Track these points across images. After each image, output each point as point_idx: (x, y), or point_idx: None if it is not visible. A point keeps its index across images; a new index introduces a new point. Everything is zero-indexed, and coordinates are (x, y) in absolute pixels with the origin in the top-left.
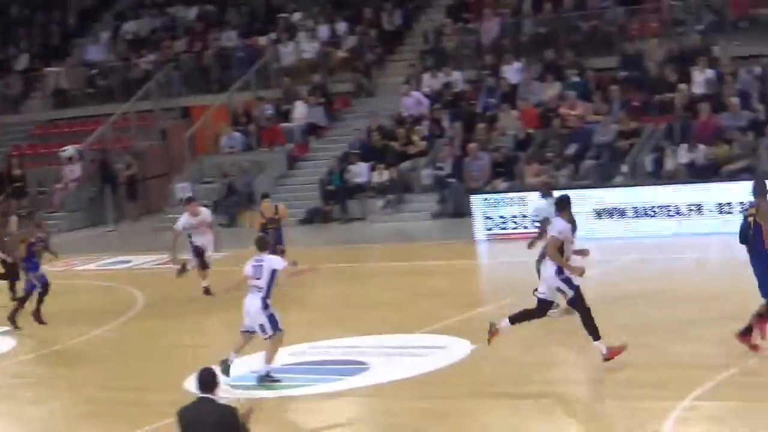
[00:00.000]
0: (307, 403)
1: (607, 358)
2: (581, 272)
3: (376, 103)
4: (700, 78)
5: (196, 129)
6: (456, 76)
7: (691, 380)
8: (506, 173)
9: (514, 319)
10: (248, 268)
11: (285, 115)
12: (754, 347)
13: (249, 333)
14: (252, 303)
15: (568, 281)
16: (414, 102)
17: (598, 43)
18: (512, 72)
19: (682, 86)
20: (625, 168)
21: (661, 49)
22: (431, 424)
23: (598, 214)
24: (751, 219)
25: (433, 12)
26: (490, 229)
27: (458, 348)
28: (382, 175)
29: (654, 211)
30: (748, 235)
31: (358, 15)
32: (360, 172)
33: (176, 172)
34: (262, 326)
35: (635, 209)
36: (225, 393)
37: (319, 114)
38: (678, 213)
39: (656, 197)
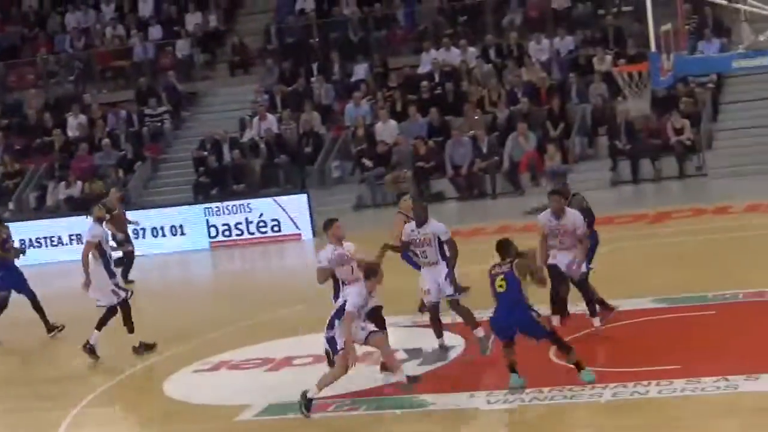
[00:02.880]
0: None
1: None
2: None
3: None
4: (74, 122)
5: None
6: None
7: (82, 390)
8: None
9: None
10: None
11: None
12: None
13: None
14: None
15: None
16: None
17: None
18: None
19: (58, 131)
20: (12, 205)
21: (39, 98)
22: None
23: None
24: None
25: None
26: None
27: None
28: None
29: (39, 242)
30: None
31: None
32: None
33: None
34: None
35: (22, 241)
36: None
37: None
38: (61, 243)
39: (41, 230)
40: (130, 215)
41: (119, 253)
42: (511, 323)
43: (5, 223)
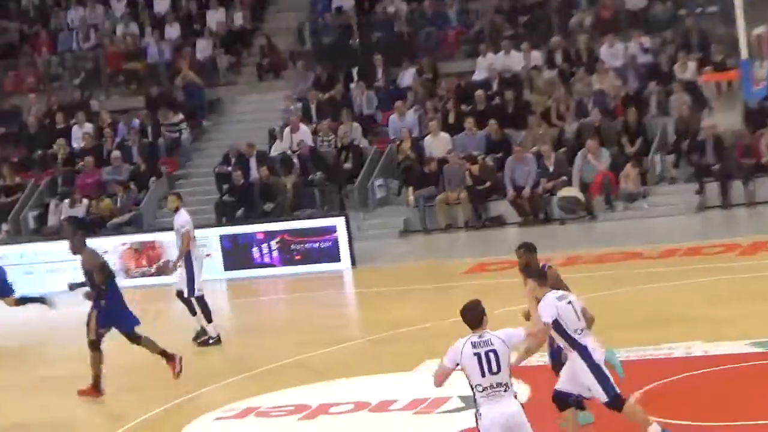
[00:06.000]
0: None
1: None
2: None
3: None
4: (80, 132)
5: None
6: None
7: None
8: None
9: None
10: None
11: None
12: None
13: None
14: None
15: None
16: None
17: None
18: None
19: (61, 141)
20: (6, 226)
21: (39, 104)
22: None
23: None
24: None
25: None
26: None
27: None
28: None
29: (38, 268)
30: None
31: None
32: None
33: None
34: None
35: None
36: None
37: None
38: (62, 269)
39: (40, 254)
40: None
41: None
42: None
43: None
